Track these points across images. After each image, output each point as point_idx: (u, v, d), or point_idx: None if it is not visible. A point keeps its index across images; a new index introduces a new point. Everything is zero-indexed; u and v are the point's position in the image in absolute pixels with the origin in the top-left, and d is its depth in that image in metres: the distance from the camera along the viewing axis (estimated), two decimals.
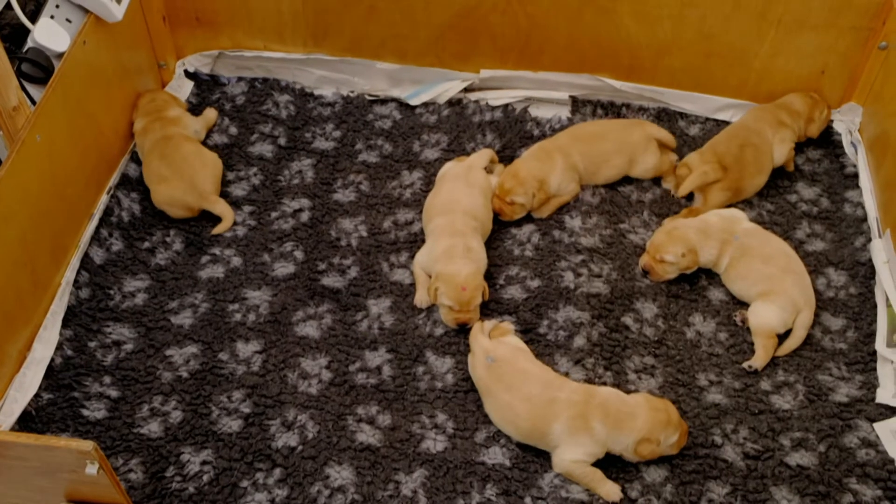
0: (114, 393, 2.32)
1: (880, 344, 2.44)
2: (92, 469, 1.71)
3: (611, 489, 2.14)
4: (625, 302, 2.53)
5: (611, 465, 2.18)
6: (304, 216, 2.76)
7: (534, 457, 2.21)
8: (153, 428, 2.26)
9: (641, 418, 2.13)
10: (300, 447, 2.22)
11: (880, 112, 2.84)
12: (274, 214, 2.77)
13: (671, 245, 2.53)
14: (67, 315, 2.46)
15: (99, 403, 2.30)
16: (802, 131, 2.91)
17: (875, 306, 2.54)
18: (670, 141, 2.91)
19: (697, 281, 2.60)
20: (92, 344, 2.42)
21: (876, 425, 2.29)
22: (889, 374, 2.39)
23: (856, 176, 2.88)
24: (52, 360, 2.36)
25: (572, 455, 2.14)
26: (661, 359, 2.42)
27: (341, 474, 2.18)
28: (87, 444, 1.68)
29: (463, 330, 2.44)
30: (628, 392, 2.31)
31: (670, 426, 2.14)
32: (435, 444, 2.23)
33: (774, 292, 2.44)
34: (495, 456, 2.21)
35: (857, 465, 2.22)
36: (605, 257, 2.64)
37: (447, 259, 2.47)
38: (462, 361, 2.39)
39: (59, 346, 2.39)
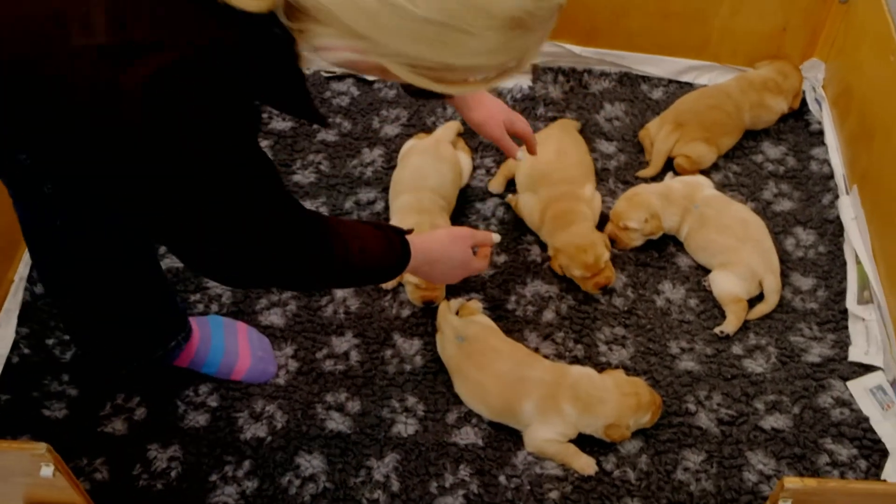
0: (74, 391, 2.26)
1: (851, 301, 2.43)
2: (47, 471, 1.66)
3: (585, 462, 2.11)
4: None
5: (585, 437, 2.15)
6: None
7: (507, 435, 2.18)
8: (117, 426, 2.20)
9: (610, 404, 2.09)
10: (269, 438, 2.18)
11: (843, 67, 2.81)
12: None
13: (633, 211, 2.49)
14: (23, 312, 2.39)
15: (60, 403, 2.24)
16: (788, 106, 2.86)
17: (845, 264, 2.52)
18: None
19: (665, 248, 2.57)
20: (50, 341, 2.35)
21: (849, 384, 2.28)
22: (860, 331, 2.38)
23: (821, 133, 2.85)
24: (9, 359, 2.30)
25: (543, 434, 2.11)
26: (632, 329, 2.39)
27: (312, 463, 2.14)
28: (41, 446, 1.62)
29: (429, 308, 2.40)
30: (600, 366, 2.29)
31: (640, 410, 2.11)
32: (406, 427, 2.20)
33: (732, 263, 2.42)
34: (467, 436, 2.18)
35: (832, 424, 2.21)
36: None
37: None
38: (430, 343, 2.34)
39: (16, 345, 2.33)
